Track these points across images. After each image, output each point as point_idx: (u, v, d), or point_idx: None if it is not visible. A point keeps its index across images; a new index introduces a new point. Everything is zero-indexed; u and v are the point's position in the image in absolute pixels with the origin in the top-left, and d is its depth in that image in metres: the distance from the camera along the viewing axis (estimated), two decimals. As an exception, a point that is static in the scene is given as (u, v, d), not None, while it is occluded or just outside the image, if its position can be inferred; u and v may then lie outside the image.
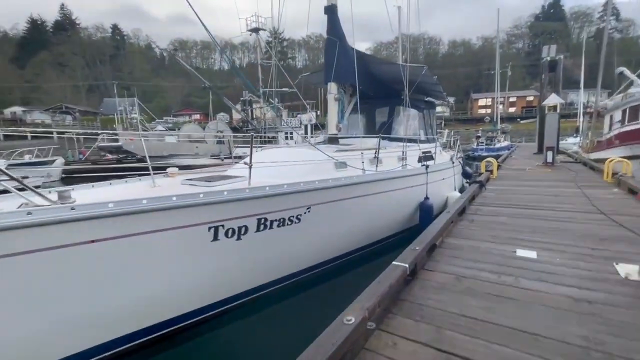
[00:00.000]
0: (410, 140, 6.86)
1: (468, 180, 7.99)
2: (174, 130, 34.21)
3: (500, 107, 66.17)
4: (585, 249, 3.67)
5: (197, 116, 68.99)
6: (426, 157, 6.78)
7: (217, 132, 23.53)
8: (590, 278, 2.92)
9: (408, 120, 7.35)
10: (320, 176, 4.13)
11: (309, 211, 3.98)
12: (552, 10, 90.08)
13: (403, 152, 5.85)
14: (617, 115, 11.29)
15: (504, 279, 2.97)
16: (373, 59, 7.03)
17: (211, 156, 21.22)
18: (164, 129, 35.05)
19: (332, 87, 6.81)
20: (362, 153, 5.26)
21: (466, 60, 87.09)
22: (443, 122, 52.30)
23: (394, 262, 2.87)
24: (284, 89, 23.69)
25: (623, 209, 5.35)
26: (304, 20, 7.52)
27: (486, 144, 25.07)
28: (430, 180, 6.00)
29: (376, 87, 7.20)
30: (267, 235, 3.71)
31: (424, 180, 5.79)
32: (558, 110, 12.47)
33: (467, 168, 8.49)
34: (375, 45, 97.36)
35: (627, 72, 12.92)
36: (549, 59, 18.36)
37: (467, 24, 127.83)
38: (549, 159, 12.01)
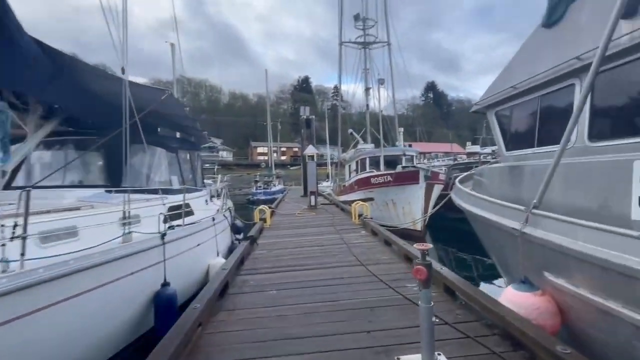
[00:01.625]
0: (149, 191, 4.69)
1: (238, 237, 6.70)
2: None
3: (275, 155, 76.51)
4: (362, 335, 2.78)
5: None
6: (177, 214, 4.76)
7: None
8: None
9: (148, 162, 5.15)
10: None
11: None
12: (304, 85, 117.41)
13: (125, 212, 3.56)
14: (353, 166, 14.15)
15: None
16: (83, 65, 4.44)
17: None
18: None
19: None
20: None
21: (245, 111, 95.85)
22: (216, 168, 53.34)
23: None
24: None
25: (375, 255, 5.50)
26: None
27: (264, 188, 26.46)
28: (175, 251, 4.02)
29: (91, 110, 4.65)
30: None
31: (161, 256, 3.70)
32: (315, 159, 14.16)
33: (238, 221, 7.30)
34: (152, 81, 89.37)
35: (354, 133, 16.71)
36: (305, 117, 21.92)
37: (243, 80, 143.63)
38: (312, 202, 13.19)
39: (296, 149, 73.06)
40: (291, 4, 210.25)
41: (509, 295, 3.03)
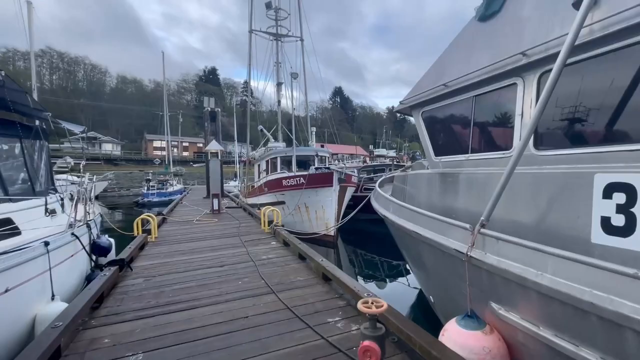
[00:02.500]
0: None
1: (102, 265, 4.78)
2: None
3: (175, 150, 68.70)
4: None
5: None
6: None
7: None
8: None
9: None
10: None
11: None
12: (210, 76, 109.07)
13: None
14: (263, 165, 12.98)
15: None
16: None
17: None
18: None
19: None
20: None
21: (138, 99, 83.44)
22: (82, 163, 44.63)
23: None
24: None
25: (289, 276, 4.56)
26: None
27: (158, 189, 22.79)
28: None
29: None
30: None
31: None
32: (219, 157, 12.49)
33: (104, 238, 5.30)
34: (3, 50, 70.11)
35: (265, 130, 15.54)
36: (209, 109, 19.61)
37: (137, 63, 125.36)
38: (215, 206, 11.52)
39: (200, 145, 67.11)
40: None
41: (453, 334, 2.48)
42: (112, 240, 5.98)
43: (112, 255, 5.68)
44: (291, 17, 15.53)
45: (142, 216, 7.57)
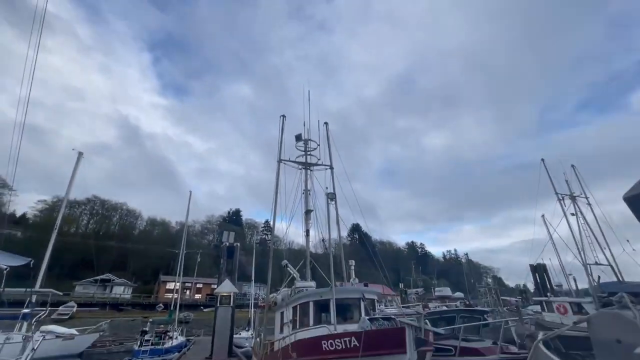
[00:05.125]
0: None
1: None
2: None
3: (187, 292, 63.86)
4: None
5: None
6: None
7: None
8: None
9: None
10: None
11: None
12: (234, 217, 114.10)
13: None
14: (289, 313, 9.61)
15: None
16: None
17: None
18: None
19: None
20: None
21: (162, 240, 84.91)
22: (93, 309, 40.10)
23: None
24: None
25: None
26: None
27: (153, 344, 18.31)
28: None
29: None
30: None
31: None
32: (233, 301, 9.43)
33: None
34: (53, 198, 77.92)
35: (290, 266, 12.84)
36: (227, 243, 17.65)
37: (167, 208, 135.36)
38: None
39: (214, 286, 62.63)
40: (227, 150, 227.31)
41: None
42: None
43: None
44: (320, 149, 15.38)
45: None
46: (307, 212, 13.54)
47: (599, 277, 19.39)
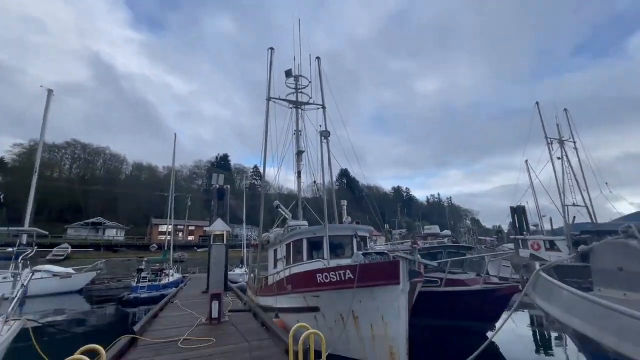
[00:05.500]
0: None
1: None
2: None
3: (180, 234, 65.67)
4: None
5: None
6: None
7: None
8: None
9: None
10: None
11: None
12: (222, 162, 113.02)
13: None
14: (282, 251, 9.82)
15: None
16: None
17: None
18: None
19: None
20: None
21: (150, 184, 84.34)
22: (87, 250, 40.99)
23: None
24: None
25: None
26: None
27: (150, 280, 19.07)
28: None
29: None
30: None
31: None
32: (226, 240, 9.50)
33: None
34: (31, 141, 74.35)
35: (282, 206, 12.83)
36: (217, 186, 17.43)
37: (153, 152, 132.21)
38: (215, 313, 8.04)
39: (206, 228, 64.27)
40: (211, 92, 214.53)
41: None
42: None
43: None
44: (311, 87, 14.44)
45: (85, 348, 4.20)
46: (299, 154, 13.19)
47: (574, 217, 20.53)
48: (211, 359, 5.18)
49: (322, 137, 8.37)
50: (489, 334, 6.10)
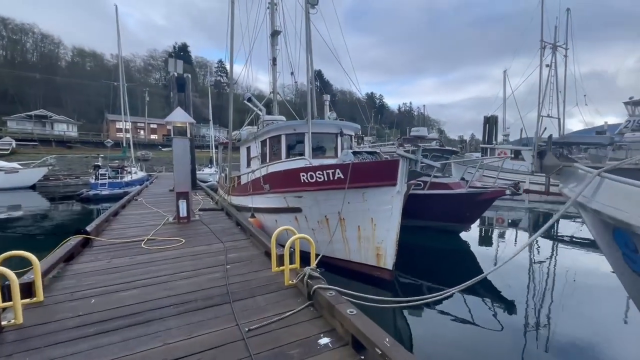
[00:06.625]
0: None
1: None
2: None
3: (142, 132, 61.61)
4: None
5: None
6: None
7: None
8: None
9: None
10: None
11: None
12: (181, 53, 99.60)
13: None
14: (256, 148, 8.74)
15: None
16: None
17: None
18: None
19: None
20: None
21: (98, 75, 74.15)
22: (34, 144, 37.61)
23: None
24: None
25: None
26: None
27: (110, 177, 17.76)
28: None
29: None
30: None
31: None
32: (190, 134, 8.16)
33: None
34: None
35: (254, 99, 11.16)
36: (176, 74, 14.85)
37: (96, 37, 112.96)
38: (183, 213, 7.30)
39: (166, 120, 60.38)
40: None
41: None
42: None
43: None
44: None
45: (9, 254, 3.23)
46: (274, 35, 10.89)
47: (545, 128, 20.92)
48: (181, 262, 4.54)
49: (310, 6, 6.42)
50: (505, 256, 5.98)
